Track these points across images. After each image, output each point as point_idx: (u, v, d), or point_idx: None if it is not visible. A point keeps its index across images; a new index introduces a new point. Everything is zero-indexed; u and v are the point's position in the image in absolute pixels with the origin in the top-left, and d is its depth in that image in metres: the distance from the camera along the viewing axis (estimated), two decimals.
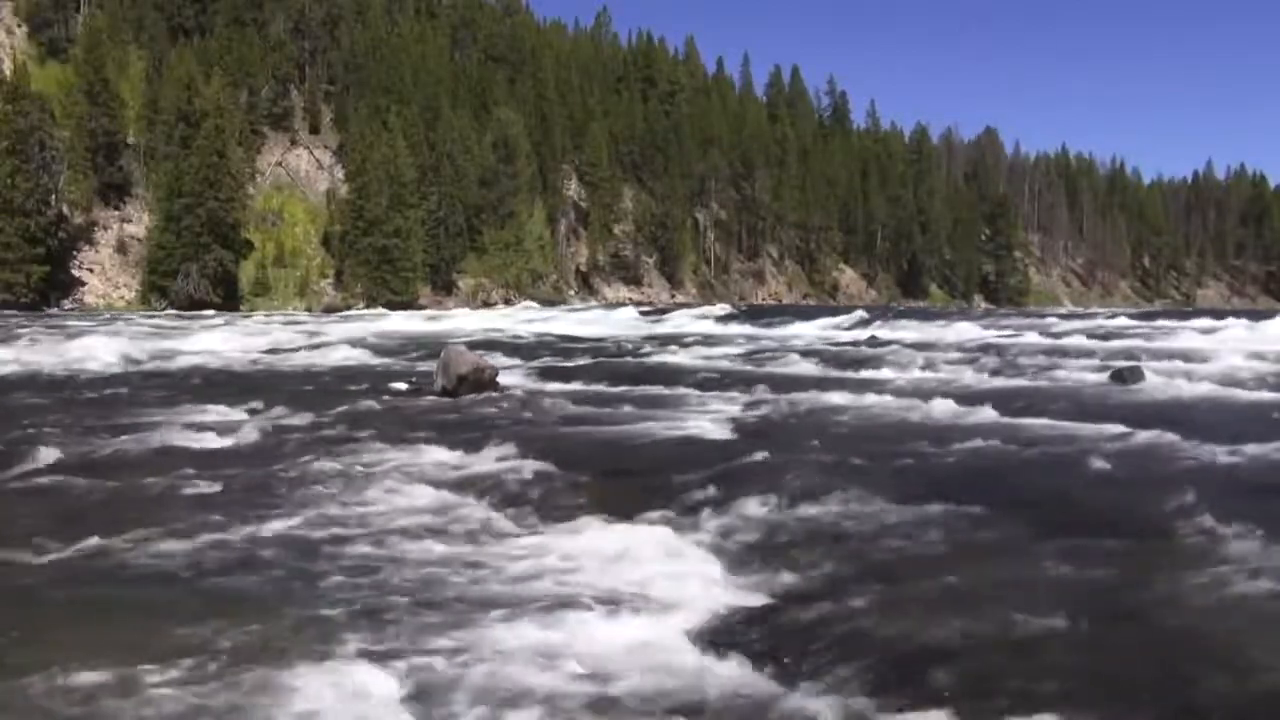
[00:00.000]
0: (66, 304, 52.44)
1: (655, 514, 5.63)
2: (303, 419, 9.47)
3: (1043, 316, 36.60)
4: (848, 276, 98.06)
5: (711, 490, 6.02)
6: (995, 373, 14.14)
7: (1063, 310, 64.81)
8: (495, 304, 62.45)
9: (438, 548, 5.02)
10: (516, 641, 3.71)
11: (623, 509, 5.77)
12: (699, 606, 4.11)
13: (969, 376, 13.61)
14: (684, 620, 3.97)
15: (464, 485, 6.48)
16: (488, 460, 7.24)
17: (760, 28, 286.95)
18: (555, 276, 73.36)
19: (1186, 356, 15.68)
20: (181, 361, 17.02)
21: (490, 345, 21.20)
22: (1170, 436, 7.52)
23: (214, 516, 5.58)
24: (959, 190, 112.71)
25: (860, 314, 35.23)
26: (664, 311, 44.23)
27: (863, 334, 25.68)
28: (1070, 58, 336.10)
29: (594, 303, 64.56)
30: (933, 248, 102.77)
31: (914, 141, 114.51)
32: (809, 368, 15.65)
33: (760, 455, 7.04)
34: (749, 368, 15.84)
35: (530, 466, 6.92)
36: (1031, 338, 22.42)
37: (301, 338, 24.42)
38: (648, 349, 20.35)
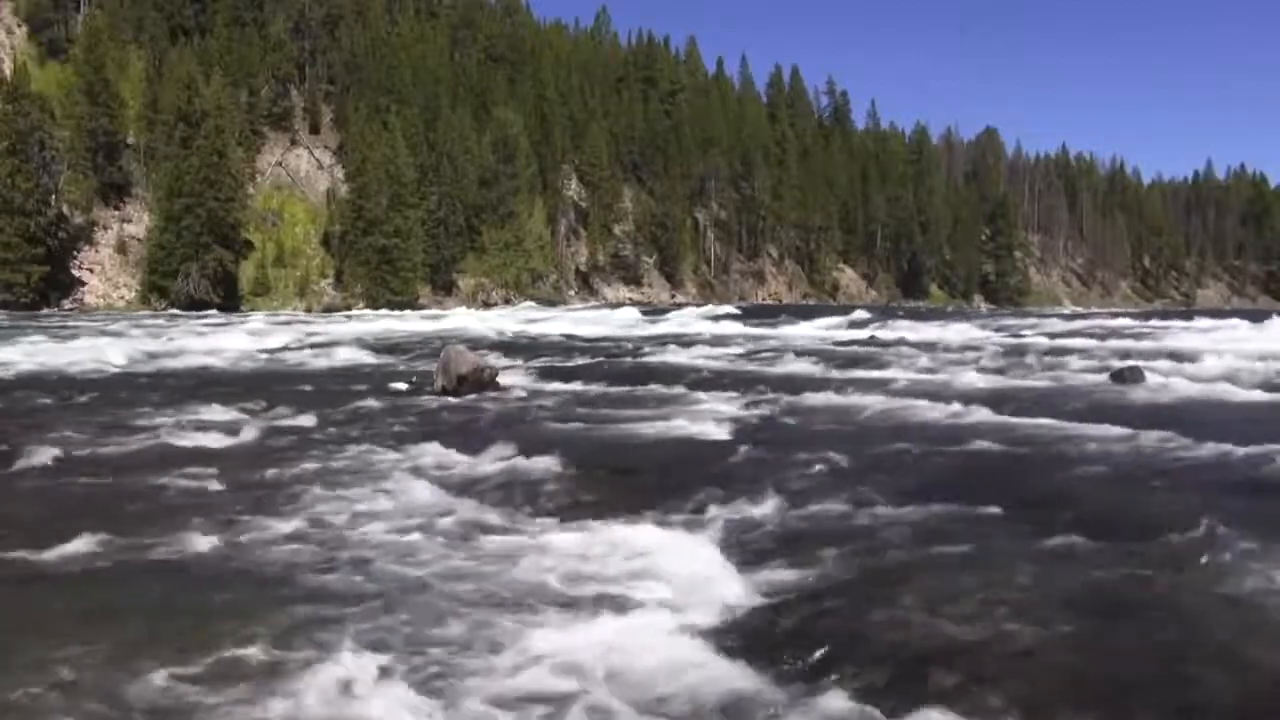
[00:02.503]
0: (66, 304, 52.42)
1: (656, 513, 5.64)
2: (303, 419, 9.47)
3: (1043, 316, 36.62)
4: (848, 276, 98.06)
5: (712, 490, 6.02)
6: (995, 373, 14.14)
7: (1063, 310, 64.80)
8: (495, 304, 62.46)
9: (439, 547, 5.03)
10: (517, 640, 3.71)
11: (623, 508, 5.77)
12: (699, 605, 4.12)
13: (969, 376, 13.61)
14: (684, 619, 3.97)
15: (465, 485, 6.49)
16: (488, 460, 7.24)
17: (760, 28, 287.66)
18: (555, 276, 73.35)
19: (1187, 357, 15.66)
20: (182, 361, 17.03)
21: (490, 345, 21.21)
22: (1170, 437, 7.52)
23: (214, 516, 5.58)
24: (959, 190, 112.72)
25: (860, 314, 35.25)
26: (664, 311, 44.23)
27: (862, 334, 25.68)
28: (1070, 58, 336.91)
29: (594, 303, 64.57)
30: (933, 248, 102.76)
31: (914, 141, 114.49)
32: (809, 368, 15.64)
33: (760, 455, 7.05)
34: (749, 368, 15.83)
35: (531, 466, 6.92)
36: (1031, 338, 22.42)
37: (301, 338, 24.42)
38: (648, 349, 20.35)
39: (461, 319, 40.66)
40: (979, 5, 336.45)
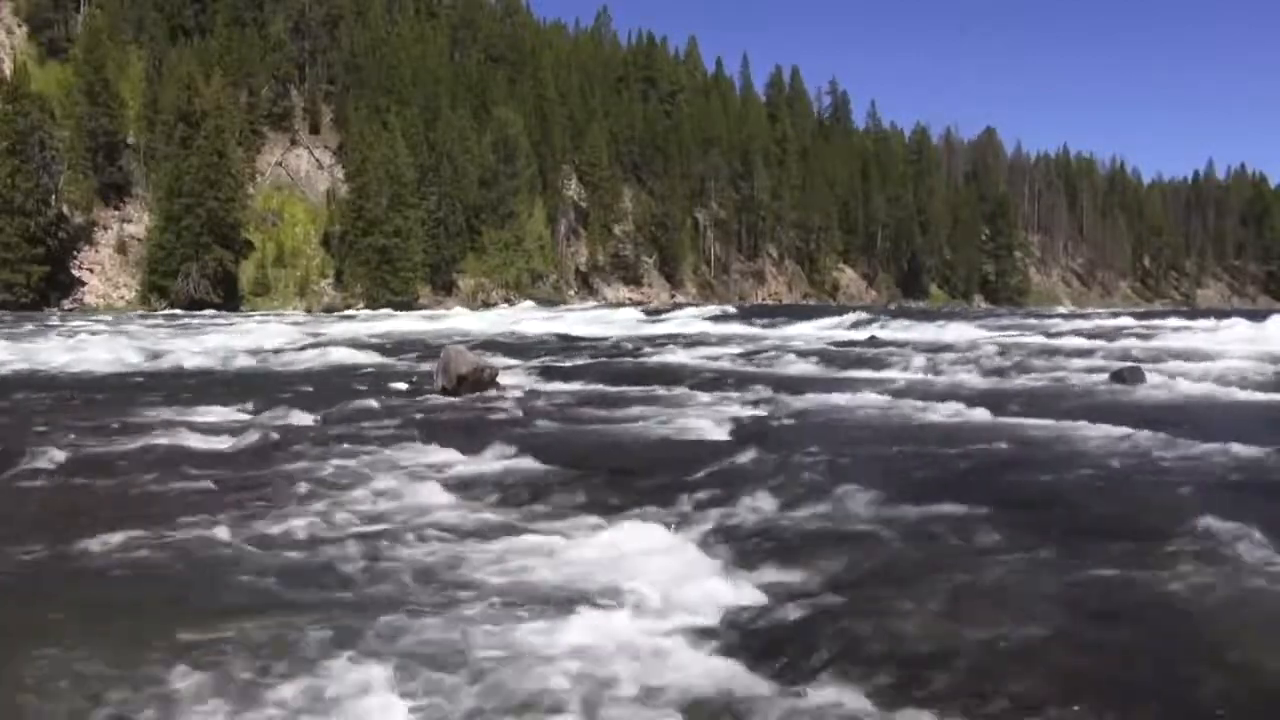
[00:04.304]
0: (66, 304, 52.46)
1: (655, 513, 5.63)
2: (303, 419, 9.47)
3: (1043, 316, 36.59)
4: (848, 276, 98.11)
5: (711, 490, 6.02)
6: (995, 373, 14.13)
7: (1063, 310, 64.77)
8: (495, 304, 62.49)
9: (438, 547, 5.02)
10: (516, 640, 3.71)
11: (623, 508, 5.77)
12: (698, 606, 4.11)
13: (969, 377, 13.60)
14: (683, 619, 3.96)
15: (464, 485, 6.48)
16: (488, 460, 7.24)
17: (760, 28, 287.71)
18: (555, 276, 73.41)
19: (1186, 356, 15.65)
20: (181, 361, 17.02)
21: (490, 345, 21.20)
22: (1170, 437, 7.50)
23: (214, 516, 5.58)
24: (959, 190, 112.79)
25: (860, 314, 35.24)
26: (664, 311, 44.25)
27: (862, 334, 25.66)
28: (1070, 58, 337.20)
29: (594, 303, 64.59)
30: (933, 248, 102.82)
31: (914, 141, 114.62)
32: (809, 368, 15.63)
33: (760, 455, 7.04)
34: (749, 368, 15.83)
35: (530, 466, 6.92)
36: (1031, 338, 22.39)
37: (302, 338, 24.42)
38: (648, 349, 20.34)
39: (461, 319, 40.68)
40: (979, 5, 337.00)
